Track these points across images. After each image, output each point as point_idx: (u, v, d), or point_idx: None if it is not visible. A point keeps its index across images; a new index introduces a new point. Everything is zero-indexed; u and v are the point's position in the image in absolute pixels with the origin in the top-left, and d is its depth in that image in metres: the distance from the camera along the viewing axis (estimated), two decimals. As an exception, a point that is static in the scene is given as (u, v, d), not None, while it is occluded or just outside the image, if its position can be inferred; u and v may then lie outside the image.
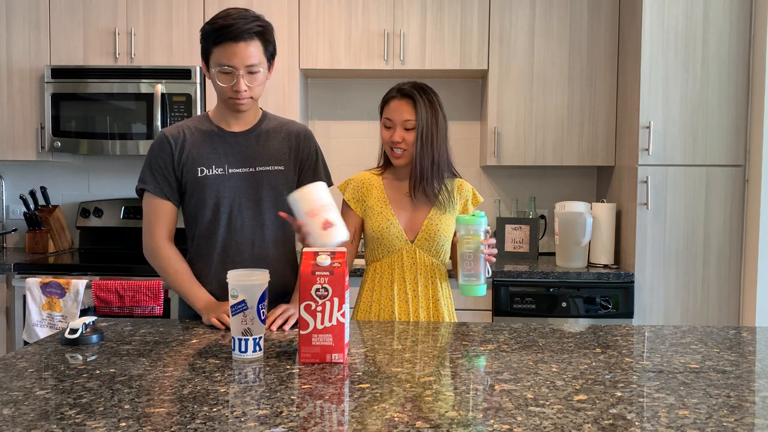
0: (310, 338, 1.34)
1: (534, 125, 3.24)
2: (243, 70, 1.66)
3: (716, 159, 2.92)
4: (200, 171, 1.77)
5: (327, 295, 1.34)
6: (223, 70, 1.67)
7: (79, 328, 1.49)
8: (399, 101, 1.82)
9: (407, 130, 1.81)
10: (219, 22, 1.64)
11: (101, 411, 1.06)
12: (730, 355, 1.43)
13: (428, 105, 1.81)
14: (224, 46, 1.64)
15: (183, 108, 3.17)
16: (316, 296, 1.34)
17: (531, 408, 1.08)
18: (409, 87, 1.83)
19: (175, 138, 1.78)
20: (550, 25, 3.21)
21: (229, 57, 1.64)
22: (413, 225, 1.88)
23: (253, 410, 1.07)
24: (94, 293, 2.82)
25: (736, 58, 2.89)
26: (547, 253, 3.53)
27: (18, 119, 3.30)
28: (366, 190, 1.93)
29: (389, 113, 1.84)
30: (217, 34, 1.64)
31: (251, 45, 1.65)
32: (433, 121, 1.81)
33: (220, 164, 1.78)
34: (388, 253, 1.88)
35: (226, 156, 1.79)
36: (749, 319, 2.87)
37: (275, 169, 1.81)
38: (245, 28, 1.63)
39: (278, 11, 3.22)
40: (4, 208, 3.67)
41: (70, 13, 3.26)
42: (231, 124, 1.81)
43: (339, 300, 1.34)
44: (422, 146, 1.80)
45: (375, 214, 1.89)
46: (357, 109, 3.61)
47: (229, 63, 1.65)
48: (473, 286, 1.68)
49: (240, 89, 1.68)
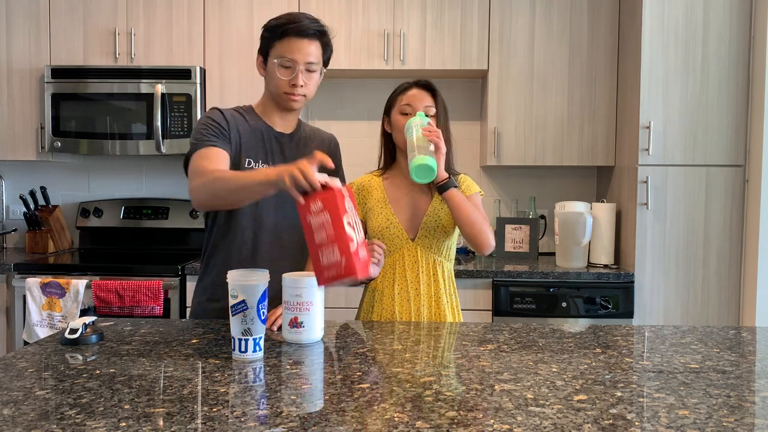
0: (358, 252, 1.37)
1: (534, 125, 3.24)
2: (303, 65, 1.72)
3: (716, 159, 2.92)
4: (247, 162, 1.77)
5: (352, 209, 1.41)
6: (283, 63, 1.71)
7: (79, 328, 1.49)
8: (419, 90, 1.87)
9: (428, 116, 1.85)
10: (285, 18, 1.73)
11: (101, 411, 1.06)
12: (730, 355, 1.43)
13: (442, 99, 1.89)
14: (289, 40, 1.70)
15: (183, 108, 3.17)
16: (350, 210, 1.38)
17: (531, 408, 1.08)
18: (425, 80, 1.89)
19: (230, 117, 1.77)
20: (550, 25, 3.21)
21: (292, 51, 1.70)
22: (413, 223, 1.89)
23: (253, 410, 1.07)
24: (94, 293, 2.82)
25: (736, 58, 2.89)
26: (547, 253, 3.53)
27: (18, 119, 3.30)
28: (366, 192, 1.94)
29: (409, 99, 1.86)
30: (283, 28, 1.71)
31: (313, 44, 1.73)
32: (446, 116, 1.88)
33: (266, 161, 1.79)
34: (390, 252, 1.88)
35: (272, 154, 1.80)
36: (749, 319, 2.87)
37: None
38: (311, 26, 1.71)
39: (278, 11, 3.21)
40: (4, 208, 3.67)
41: (70, 13, 3.26)
42: (276, 124, 1.83)
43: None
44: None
45: (375, 214, 1.90)
46: (357, 109, 3.61)
47: (291, 56, 1.70)
48: (424, 159, 1.68)
49: (298, 83, 1.72)
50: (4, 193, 3.68)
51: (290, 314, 1.49)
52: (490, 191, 3.61)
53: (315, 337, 1.51)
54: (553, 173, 3.59)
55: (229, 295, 1.37)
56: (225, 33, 3.24)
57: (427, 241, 1.87)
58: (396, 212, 1.89)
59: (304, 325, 1.48)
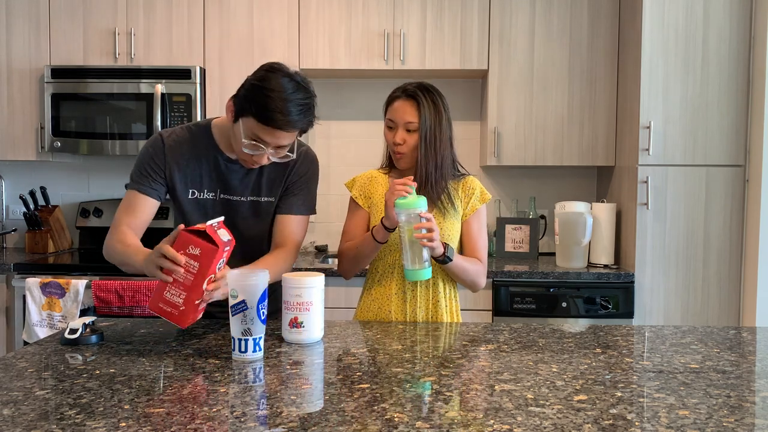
0: (198, 305, 1.42)
1: (534, 125, 3.24)
2: (272, 148, 1.60)
3: (716, 159, 2.92)
4: (191, 193, 1.76)
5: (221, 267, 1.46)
6: (253, 144, 1.59)
7: (79, 328, 1.49)
8: (403, 102, 1.80)
9: (409, 131, 1.79)
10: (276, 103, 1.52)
11: (101, 411, 1.06)
12: (730, 355, 1.43)
13: (432, 107, 1.78)
14: (267, 127, 1.55)
15: (183, 108, 3.17)
16: (217, 269, 1.43)
17: (531, 408, 1.08)
18: (414, 87, 1.80)
19: (171, 147, 1.74)
20: (550, 25, 3.21)
21: (265, 136, 1.57)
22: None
23: (253, 410, 1.07)
24: (93, 293, 2.82)
25: (736, 58, 2.89)
26: (547, 253, 3.53)
27: (18, 119, 3.30)
28: (372, 186, 1.93)
29: (392, 114, 1.81)
30: (268, 116, 1.53)
31: (292, 133, 1.60)
32: (436, 123, 1.78)
33: (212, 189, 1.76)
34: (390, 252, 1.87)
35: (219, 182, 1.76)
36: (749, 319, 2.87)
37: (266, 200, 1.78)
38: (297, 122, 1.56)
39: (278, 11, 3.22)
40: (4, 208, 3.67)
41: (70, 13, 3.26)
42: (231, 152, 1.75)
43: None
44: (426, 150, 1.78)
45: (377, 211, 1.88)
46: (357, 109, 3.61)
47: (265, 139, 1.57)
48: (418, 271, 1.66)
49: (260, 162, 1.65)
50: (4, 193, 3.68)
51: (290, 314, 1.49)
52: (490, 191, 3.60)
53: (315, 337, 1.51)
54: (553, 173, 3.59)
55: (229, 295, 1.37)
56: (225, 33, 3.24)
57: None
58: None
59: (304, 325, 1.49)
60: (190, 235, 1.39)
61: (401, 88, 1.83)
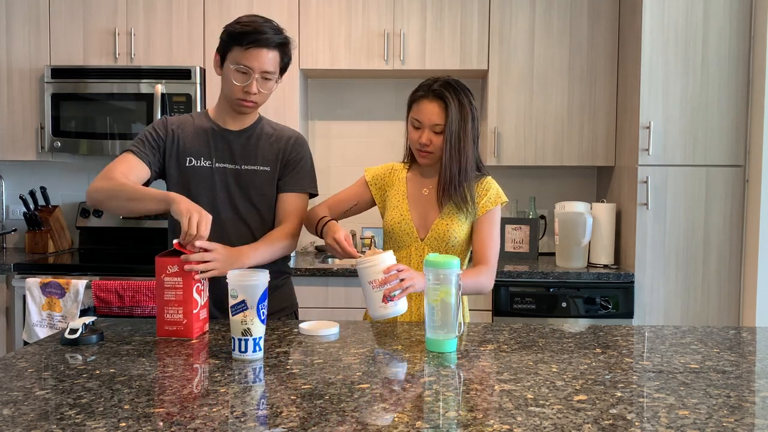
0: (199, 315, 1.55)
1: (534, 125, 3.24)
2: (259, 74, 1.74)
3: (716, 159, 2.92)
4: (188, 161, 1.84)
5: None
6: (240, 69, 1.73)
7: (79, 328, 1.49)
8: (430, 102, 1.75)
9: (436, 133, 1.75)
10: (250, 26, 1.71)
11: (101, 411, 1.06)
12: (730, 355, 1.43)
13: (459, 108, 1.73)
14: (249, 48, 1.71)
15: (183, 108, 3.17)
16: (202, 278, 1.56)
17: (531, 408, 1.08)
18: (440, 87, 1.74)
19: (173, 123, 1.86)
20: (550, 25, 3.21)
21: (250, 59, 1.72)
22: (425, 223, 1.85)
23: (253, 410, 1.07)
24: (94, 293, 2.82)
25: (736, 58, 2.89)
26: (547, 253, 3.53)
27: (18, 119, 3.30)
28: (390, 180, 1.92)
29: (418, 114, 1.77)
30: (245, 36, 1.71)
31: (272, 53, 1.74)
32: (462, 124, 1.74)
33: (208, 157, 1.84)
34: (398, 248, 1.86)
35: (216, 151, 1.85)
36: (749, 319, 2.87)
37: (261, 169, 1.86)
38: (272, 37, 1.72)
39: (278, 11, 3.22)
40: (4, 208, 3.67)
41: (70, 13, 3.26)
42: (228, 123, 1.87)
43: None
44: (450, 152, 1.75)
45: (392, 206, 1.88)
46: (357, 109, 3.61)
47: (248, 64, 1.72)
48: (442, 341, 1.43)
49: (251, 91, 1.75)
50: (4, 193, 3.68)
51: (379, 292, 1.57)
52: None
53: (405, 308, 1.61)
54: (553, 173, 3.59)
55: (229, 295, 1.37)
56: (225, 33, 3.23)
57: (436, 243, 1.83)
58: (411, 209, 1.86)
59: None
60: (163, 259, 1.53)
61: (427, 85, 1.77)
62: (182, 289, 1.52)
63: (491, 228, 1.84)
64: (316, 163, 2.02)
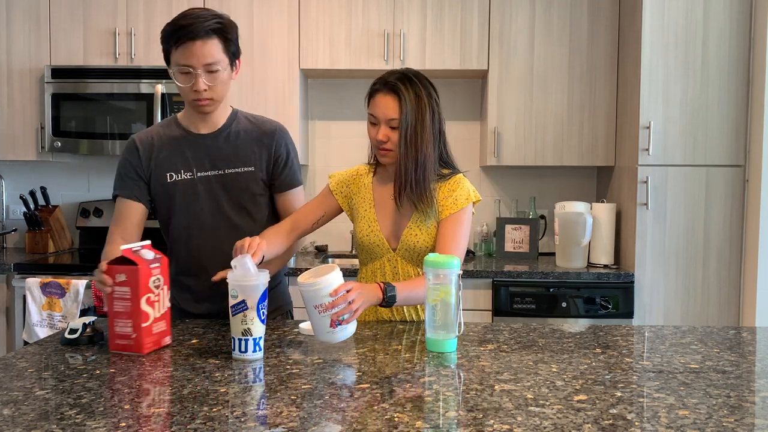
0: (151, 329, 1.43)
1: (534, 125, 3.24)
2: (201, 69, 1.63)
3: (716, 159, 2.92)
4: (169, 177, 1.78)
5: (160, 285, 1.46)
6: (182, 70, 1.65)
7: (79, 328, 1.49)
8: (384, 96, 1.63)
9: (393, 128, 1.63)
10: (178, 22, 1.62)
11: (101, 411, 1.06)
12: (730, 355, 1.43)
13: (415, 100, 1.61)
14: (182, 45, 1.61)
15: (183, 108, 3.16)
16: (154, 287, 1.44)
17: (531, 408, 1.08)
18: (396, 79, 1.62)
19: (143, 144, 1.80)
20: (550, 25, 3.21)
21: (186, 56, 1.62)
22: (396, 232, 1.72)
23: (253, 410, 1.07)
24: (94, 293, 2.82)
25: (736, 59, 2.89)
26: (547, 253, 3.53)
27: (18, 119, 3.30)
28: (355, 187, 1.79)
29: (374, 108, 1.65)
30: (173, 35, 1.62)
31: (208, 43, 1.62)
32: (418, 118, 1.61)
33: (189, 169, 1.78)
34: (371, 259, 1.77)
35: (194, 160, 1.78)
36: (749, 319, 2.87)
37: (245, 170, 1.79)
38: (202, 26, 1.60)
39: (278, 11, 3.22)
40: (4, 208, 3.67)
41: (70, 13, 3.26)
42: (199, 127, 1.80)
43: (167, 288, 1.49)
44: (406, 147, 1.62)
45: (359, 217, 1.76)
46: (357, 109, 3.61)
47: (186, 62, 1.62)
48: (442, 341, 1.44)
49: (199, 88, 1.64)
50: (4, 193, 3.68)
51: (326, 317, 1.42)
52: (490, 191, 3.61)
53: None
54: (553, 173, 3.59)
55: (230, 295, 1.37)
56: (225, 33, 3.23)
57: (407, 253, 1.71)
58: (379, 219, 1.73)
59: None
60: (111, 266, 1.43)
61: (382, 79, 1.65)
62: (131, 301, 1.40)
63: (455, 229, 1.68)
64: (316, 163, 2.02)
